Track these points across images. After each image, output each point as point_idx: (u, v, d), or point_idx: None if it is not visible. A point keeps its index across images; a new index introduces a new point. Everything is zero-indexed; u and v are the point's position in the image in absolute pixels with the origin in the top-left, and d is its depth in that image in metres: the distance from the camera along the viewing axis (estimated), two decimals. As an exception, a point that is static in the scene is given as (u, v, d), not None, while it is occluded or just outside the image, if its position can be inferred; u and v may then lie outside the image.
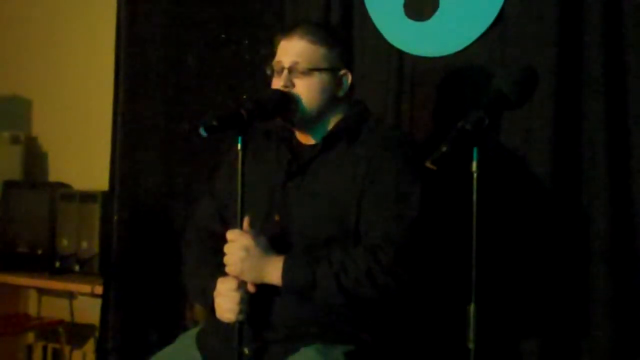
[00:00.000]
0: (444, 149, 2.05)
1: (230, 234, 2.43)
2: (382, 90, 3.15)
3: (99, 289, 3.78)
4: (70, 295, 4.21)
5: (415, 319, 2.63)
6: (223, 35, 3.60)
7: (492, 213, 2.33)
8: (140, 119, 3.80)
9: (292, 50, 2.52)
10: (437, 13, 3.12)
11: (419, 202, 2.42)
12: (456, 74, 3.05)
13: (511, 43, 2.94)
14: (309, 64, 2.50)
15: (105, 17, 4.01)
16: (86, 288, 3.87)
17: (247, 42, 3.52)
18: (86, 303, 4.11)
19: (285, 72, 2.51)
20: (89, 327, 4.12)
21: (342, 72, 2.55)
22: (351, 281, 2.36)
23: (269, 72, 2.56)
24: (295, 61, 2.50)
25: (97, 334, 3.88)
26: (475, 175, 2.10)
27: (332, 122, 2.57)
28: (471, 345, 2.10)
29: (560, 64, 2.83)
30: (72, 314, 4.21)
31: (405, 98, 3.13)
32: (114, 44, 3.88)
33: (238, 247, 2.40)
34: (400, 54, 3.15)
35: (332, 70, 2.53)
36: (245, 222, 2.42)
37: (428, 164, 2.06)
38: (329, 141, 2.54)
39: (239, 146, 2.39)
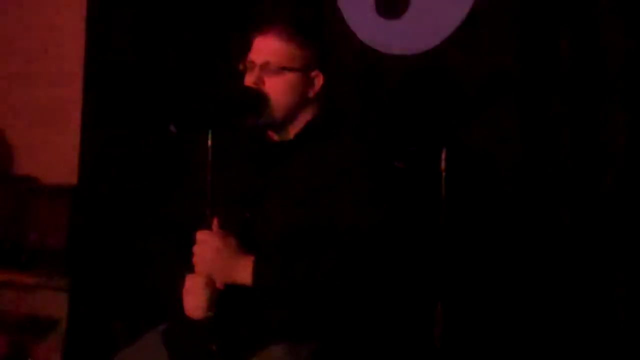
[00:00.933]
0: (413, 148, 2.07)
1: (200, 234, 2.42)
2: (353, 88, 3.16)
3: (66, 284, 3.76)
4: (38, 290, 4.17)
5: (384, 318, 2.63)
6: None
7: (462, 212, 2.34)
8: (111, 112, 3.77)
9: (266, 48, 2.51)
10: (408, 11, 3.13)
11: (389, 200, 2.43)
12: (426, 72, 3.06)
13: (481, 42, 2.95)
14: (281, 63, 2.49)
15: (74, 8, 3.97)
16: (53, 282, 3.84)
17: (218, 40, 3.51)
18: (53, 297, 4.07)
19: (257, 69, 2.51)
20: (55, 322, 4.09)
21: (314, 73, 2.55)
22: (321, 281, 2.36)
23: (241, 68, 2.56)
24: (267, 60, 2.50)
25: (63, 328, 3.86)
26: (443, 174, 2.11)
27: (303, 120, 2.56)
28: (439, 344, 2.11)
29: (529, 64, 2.85)
30: (38, 308, 4.17)
31: (376, 96, 3.14)
32: (84, 35, 3.84)
33: (207, 247, 2.40)
34: (371, 51, 3.16)
35: (304, 70, 2.53)
36: (215, 222, 2.41)
37: (397, 163, 2.07)
38: (300, 140, 2.54)
39: (209, 142, 2.38)
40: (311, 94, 2.56)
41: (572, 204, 2.81)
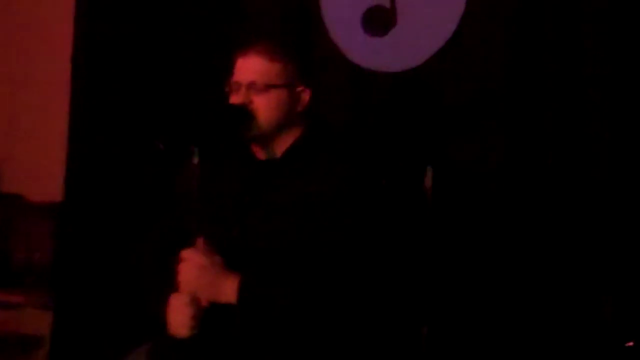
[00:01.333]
0: (400, 165, 2.07)
1: (185, 253, 2.41)
2: (340, 105, 3.16)
3: (50, 301, 3.74)
4: (22, 307, 4.15)
5: (371, 337, 2.62)
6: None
7: (448, 229, 2.34)
8: (97, 129, 3.76)
9: (250, 68, 2.51)
10: (395, 29, 3.13)
11: (376, 219, 2.43)
12: (413, 89, 3.07)
13: (466, 60, 2.96)
14: (266, 81, 2.50)
15: (62, 18, 3.96)
16: (38, 300, 3.82)
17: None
18: (38, 315, 4.05)
19: (243, 89, 2.51)
20: (39, 340, 4.06)
21: (300, 88, 2.56)
22: (307, 300, 2.36)
23: (227, 89, 2.56)
24: (252, 79, 2.50)
25: (47, 346, 3.83)
26: (429, 192, 2.11)
27: (291, 137, 2.56)
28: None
29: (514, 81, 2.86)
30: (23, 325, 4.15)
31: (363, 113, 3.14)
32: (71, 45, 3.84)
33: (192, 265, 2.39)
34: (358, 69, 3.16)
35: (290, 86, 2.53)
36: (200, 241, 2.40)
37: (383, 181, 2.07)
38: (288, 158, 2.54)
39: (196, 159, 2.38)
40: (299, 109, 2.56)
41: (558, 221, 2.81)
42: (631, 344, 2.58)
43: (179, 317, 2.40)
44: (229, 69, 2.57)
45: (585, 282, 2.80)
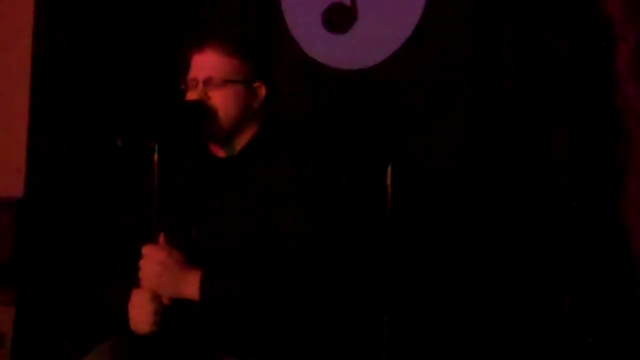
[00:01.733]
0: (360, 163, 2.09)
1: (146, 249, 2.41)
2: (299, 102, 3.17)
3: (12, 298, 3.72)
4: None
5: (331, 331, 2.65)
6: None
7: (408, 226, 2.36)
8: (58, 124, 3.74)
9: (206, 64, 2.52)
10: (355, 26, 3.15)
11: (334, 215, 2.45)
12: (373, 87, 3.08)
13: (426, 58, 2.98)
14: (223, 76, 2.51)
15: (22, 14, 3.94)
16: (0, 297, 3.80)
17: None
18: (0, 312, 4.03)
19: (200, 85, 2.51)
20: (1, 337, 4.03)
21: (256, 84, 2.57)
22: (268, 295, 2.37)
23: (183, 86, 2.56)
24: (209, 75, 2.51)
25: (9, 343, 3.81)
26: (389, 189, 2.13)
27: (248, 134, 2.57)
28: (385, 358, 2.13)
29: (474, 80, 2.88)
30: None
31: (322, 110, 3.15)
32: (30, 39, 3.82)
33: (153, 261, 2.39)
34: (318, 65, 3.17)
35: (246, 82, 2.54)
36: (161, 237, 2.41)
37: (343, 177, 2.08)
38: (246, 155, 2.55)
39: (155, 156, 2.38)
40: (256, 105, 2.57)
41: (516, 216, 2.85)
42: (590, 340, 2.62)
43: (140, 314, 2.41)
44: (184, 66, 2.57)
45: (544, 277, 2.83)
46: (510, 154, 2.87)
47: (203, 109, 2.49)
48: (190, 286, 2.38)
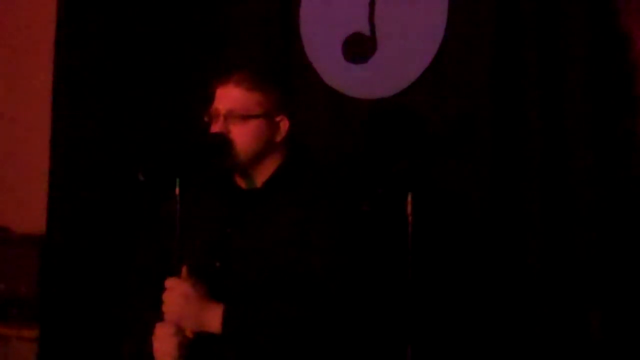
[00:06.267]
0: (380, 191, 2.08)
1: (169, 282, 2.41)
2: (321, 132, 3.17)
3: (36, 334, 3.73)
4: (7, 340, 4.13)
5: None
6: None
7: (430, 257, 2.34)
8: (79, 161, 3.76)
9: (228, 97, 2.53)
10: (375, 55, 3.15)
11: (357, 247, 2.44)
12: (394, 116, 3.08)
13: (447, 86, 2.98)
14: (244, 111, 2.51)
15: (42, 51, 3.97)
16: (23, 333, 3.81)
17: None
18: (23, 348, 4.04)
19: (222, 118, 2.52)
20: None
21: (279, 117, 2.56)
22: (291, 329, 2.36)
23: (206, 119, 2.57)
24: (230, 109, 2.51)
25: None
26: (410, 218, 2.12)
27: (271, 166, 2.57)
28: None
29: (496, 108, 2.88)
30: (8, 358, 4.13)
31: (344, 140, 3.15)
32: (51, 77, 3.85)
33: (177, 294, 2.39)
34: (339, 96, 3.18)
35: (268, 116, 2.54)
36: (184, 269, 2.41)
37: (364, 206, 2.08)
38: (269, 187, 2.54)
39: (177, 190, 2.39)
40: (278, 139, 2.57)
41: (542, 244, 2.83)
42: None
43: (164, 347, 2.40)
44: (208, 99, 2.58)
45: (573, 299, 2.80)
46: (534, 178, 2.86)
47: (222, 142, 2.49)
48: (213, 320, 2.38)
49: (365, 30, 3.17)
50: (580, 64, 2.85)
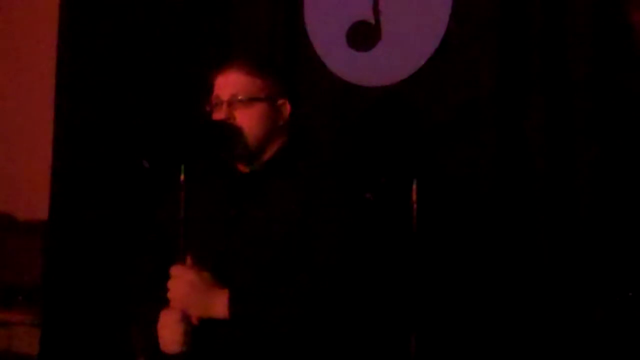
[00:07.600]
0: (383, 180, 2.08)
1: (174, 270, 2.41)
2: (325, 119, 3.17)
3: (39, 320, 3.74)
4: (12, 326, 4.14)
5: (360, 348, 2.64)
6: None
7: (434, 243, 2.34)
8: (82, 148, 3.76)
9: (230, 83, 2.53)
10: (380, 43, 3.15)
11: (361, 232, 2.44)
12: (399, 103, 3.08)
13: (452, 74, 2.98)
14: (247, 95, 2.51)
15: (46, 39, 3.97)
16: (27, 319, 3.82)
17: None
18: (28, 333, 4.05)
19: (225, 105, 2.52)
20: (30, 358, 4.06)
21: (281, 101, 2.57)
22: (297, 311, 2.37)
23: (208, 109, 2.57)
24: (233, 94, 2.51)
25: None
26: (414, 206, 2.12)
27: (273, 150, 2.57)
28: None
29: (501, 94, 2.88)
30: (13, 344, 4.15)
31: (346, 126, 3.15)
32: (54, 63, 3.85)
33: (182, 282, 2.39)
34: (343, 83, 3.18)
35: (271, 99, 2.55)
36: (189, 257, 2.41)
37: (368, 195, 2.08)
38: (270, 169, 2.55)
39: (182, 177, 2.39)
40: (280, 122, 2.57)
41: (546, 231, 2.83)
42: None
43: (170, 334, 2.40)
44: (208, 88, 2.58)
45: (576, 288, 2.81)
46: (539, 165, 2.86)
47: (228, 129, 2.49)
48: (219, 306, 2.38)
49: (370, 18, 3.17)
50: (585, 49, 2.84)
